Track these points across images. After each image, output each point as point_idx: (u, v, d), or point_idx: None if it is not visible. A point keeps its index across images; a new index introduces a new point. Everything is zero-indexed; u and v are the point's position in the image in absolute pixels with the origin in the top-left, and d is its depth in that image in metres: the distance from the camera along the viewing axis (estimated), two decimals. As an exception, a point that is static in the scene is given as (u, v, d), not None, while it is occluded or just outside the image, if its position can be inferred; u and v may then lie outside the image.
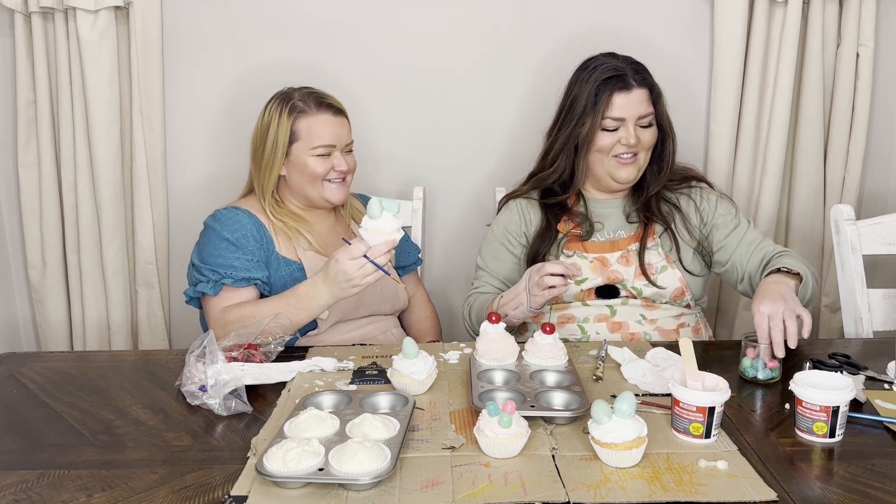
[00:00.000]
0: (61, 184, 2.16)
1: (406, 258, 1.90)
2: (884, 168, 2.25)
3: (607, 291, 1.68)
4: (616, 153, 1.67)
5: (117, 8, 2.05)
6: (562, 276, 1.51)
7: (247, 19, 2.15)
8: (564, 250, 1.72)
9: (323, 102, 1.69)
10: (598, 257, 1.69)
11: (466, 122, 2.22)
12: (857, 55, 2.10)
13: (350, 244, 1.44)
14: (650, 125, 1.68)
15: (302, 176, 1.67)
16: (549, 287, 1.51)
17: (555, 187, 1.76)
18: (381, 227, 1.42)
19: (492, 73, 2.19)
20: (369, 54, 2.17)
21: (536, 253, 1.73)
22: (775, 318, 1.36)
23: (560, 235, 1.73)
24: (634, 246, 1.70)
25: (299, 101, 1.67)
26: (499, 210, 1.86)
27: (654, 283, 1.66)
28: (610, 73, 1.66)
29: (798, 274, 1.52)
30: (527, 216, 1.78)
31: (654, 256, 1.69)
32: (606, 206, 1.76)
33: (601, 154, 1.68)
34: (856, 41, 2.09)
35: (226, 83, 2.18)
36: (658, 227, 1.72)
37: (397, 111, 2.21)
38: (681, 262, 1.69)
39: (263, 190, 1.69)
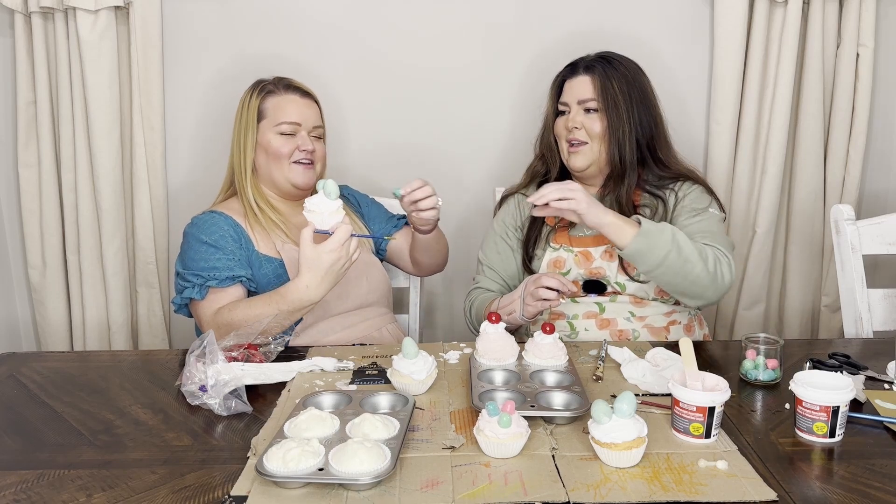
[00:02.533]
0: (61, 184, 2.17)
1: (388, 222, 1.89)
2: (884, 168, 2.26)
3: (594, 286, 1.69)
4: (567, 139, 1.71)
5: (117, 8, 2.05)
6: (557, 291, 1.54)
7: (247, 19, 2.15)
8: (551, 243, 1.74)
9: (291, 85, 1.73)
10: (582, 251, 1.71)
11: (466, 121, 2.22)
12: (857, 55, 2.10)
13: (330, 233, 1.43)
14: (594, 111, 1.69)
15: (268, 157, 1.69)
16: (543, 299, 1.55)
17: (549, 176, 1.79)
18: (325, 208, 1.42)
19: (492, 72, 2.19)
20: (370, 54, 2.18)
21: (526, 243, 1.77)
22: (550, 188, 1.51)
23: (549, 228, 1.76)
24: None
25: (269, 84, 1.73)
26: (498, 207, 1.89)
27: (634, 279, 1.66)
28: (570, 63, 1.75)
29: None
30: (521, 208, 1.81)
31: None
32: None
33: (560, 139, 1.74)
34: (856, 41, 2.09)
35: (226, 83, 2.18)
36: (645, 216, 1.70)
37: (397, 111, 2.21)
38: None
39: (244, 171, 1.70)
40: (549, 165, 1.80)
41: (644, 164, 1.72)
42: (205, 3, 2.13)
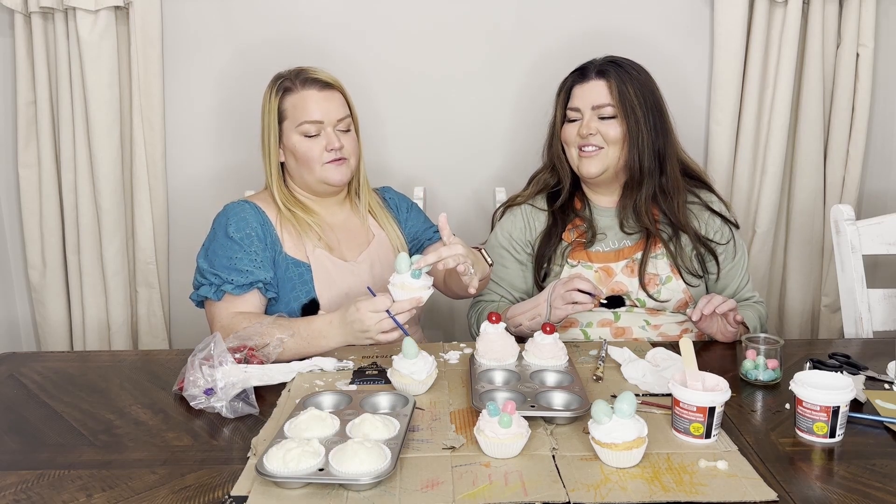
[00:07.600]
0: (61, 184, 2.17)
1: (425, 232, 1.82)
2: (884, 168, 2.26)
3: (613, 302, 1.66)
4: (578, 145, 1.66)
5: (117, 8, 2.05)
6: (588, 294, 1.51)
7: (246, 19, 2.15)
8: (569, 260, 1.69)
9: (308, 78, 1.64)
10: (603, 267, 1.67)
11: (467, 121, 2.22)
12: (857, 55, 2.10)
13: (375, 295, 1.40)
14: (612, 117, 1.63)
15: (296, 160, 1.64)
16: (573, 303, 1.51)
17: (561, 188, 1.74)
18: (408, 283, 1.38)
19: (493, 73, 2.19)
20: (370, 54, 2.17)
21: (539, 260, 1.71)
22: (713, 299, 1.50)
23: (565, 245, 1.70)
24: (639, 255, 1.67)
25: (287, 80, 1.66)
26: (499, 217, 1.81)
27: (655, 299, 1.64)
28: (577, 68, 1.70)
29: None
30: (531, 223, 1.75)
31: (661, 266, 1.66)
32: (606, 216, 1.73)
33: (568, 147, 1.70)
34: (856, 41, 2.09)
35: (226, 83, 2.18)
36: (664, 235, 1.67)
37: (398, 111, 2.21)
38: (686, 269, 1.66)
39: (271, 173, 1.66)
40: (561, 176, 1.74)
41: (660, 174, 1.67)
42: (205, 3, 2.13)
